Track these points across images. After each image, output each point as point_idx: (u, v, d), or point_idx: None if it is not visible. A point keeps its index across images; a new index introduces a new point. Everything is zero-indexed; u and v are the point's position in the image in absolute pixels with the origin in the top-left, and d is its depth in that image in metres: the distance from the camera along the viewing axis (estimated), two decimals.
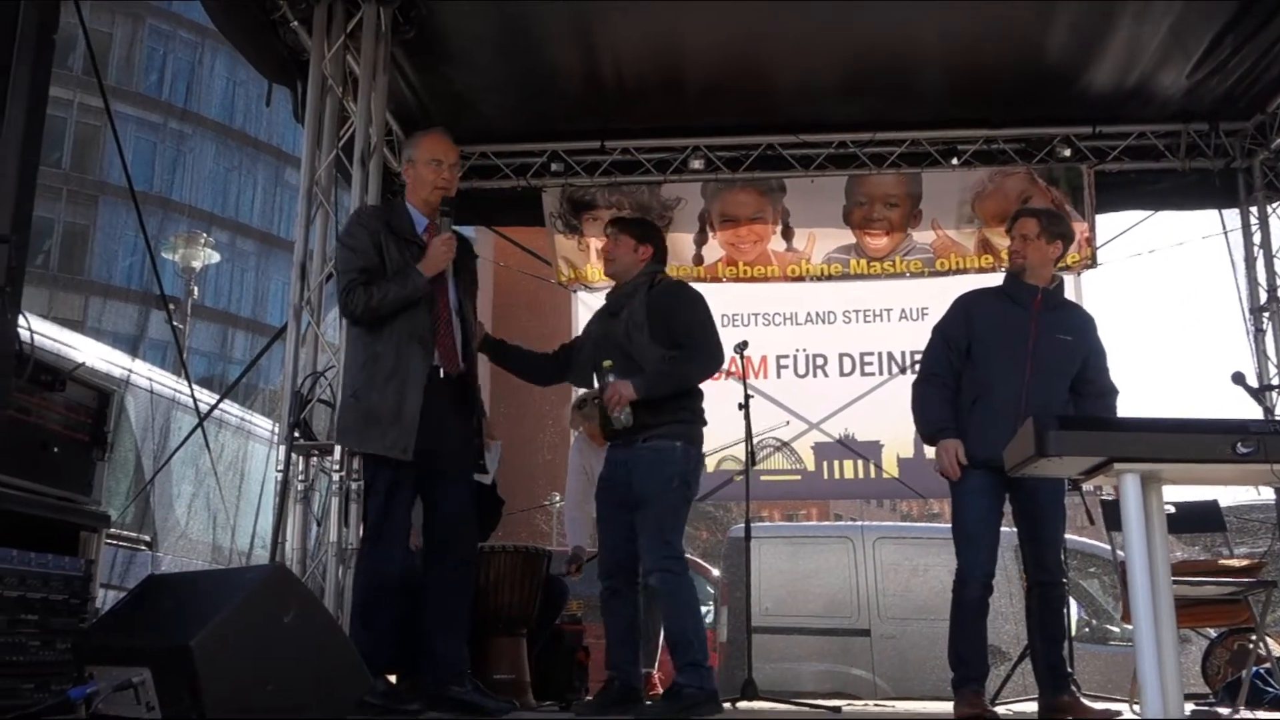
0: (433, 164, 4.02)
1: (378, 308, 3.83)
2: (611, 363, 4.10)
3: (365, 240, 3.92)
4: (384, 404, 3.81)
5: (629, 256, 4.37)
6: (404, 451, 3.77)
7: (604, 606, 4.25)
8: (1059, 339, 4.25)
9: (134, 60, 25.89)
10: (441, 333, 3.94)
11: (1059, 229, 4.44)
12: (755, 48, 6.12)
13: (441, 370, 3.92)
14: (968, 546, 4.21)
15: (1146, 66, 6.28)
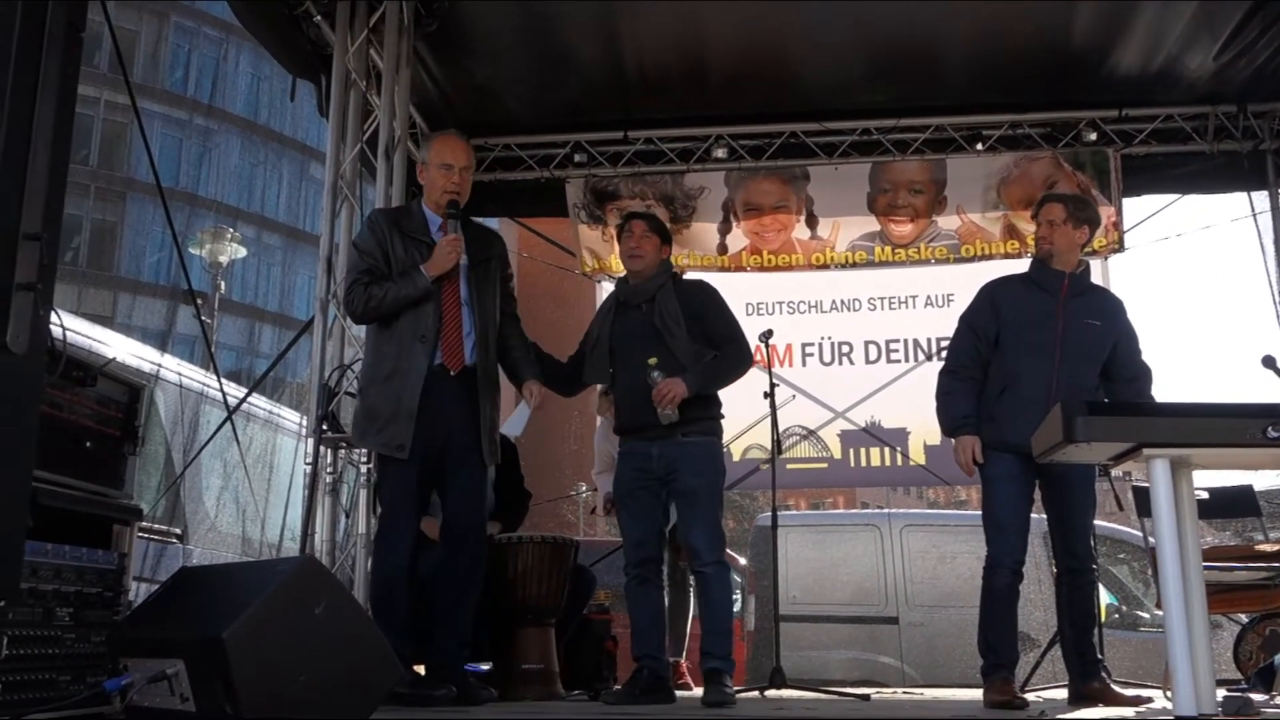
0: (443, 168, 4.06)
1: (377, 307, 3.91)
2: (657, 359, 4.13)
3: (371, 242, 4.01)
4: (382, 402, 3.89)
5: (655, 254, 4.43)
6: (400, 449, 3.83)
7: (631, 595, 4.26)
8: (1087, 324, 4.21)
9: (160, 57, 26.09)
10: (446, 329, 3.95)
11: (1085, 214, 4.39)
12: (778, 35, 6.10)
13: (445, 366, 3.94)
14: (997, 533, 4.20)
15: (1173, 49, 6.21)
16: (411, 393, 3.84)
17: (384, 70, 5.46)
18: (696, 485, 4.19)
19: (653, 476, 4.22)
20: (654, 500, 4.25)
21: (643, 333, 4.24)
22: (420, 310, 3.91)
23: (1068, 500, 4.20)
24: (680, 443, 4.19)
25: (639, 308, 4.33)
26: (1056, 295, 4.25)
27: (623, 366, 4.30)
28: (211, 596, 2.74)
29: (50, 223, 2.25)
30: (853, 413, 7.06)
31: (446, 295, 3.97)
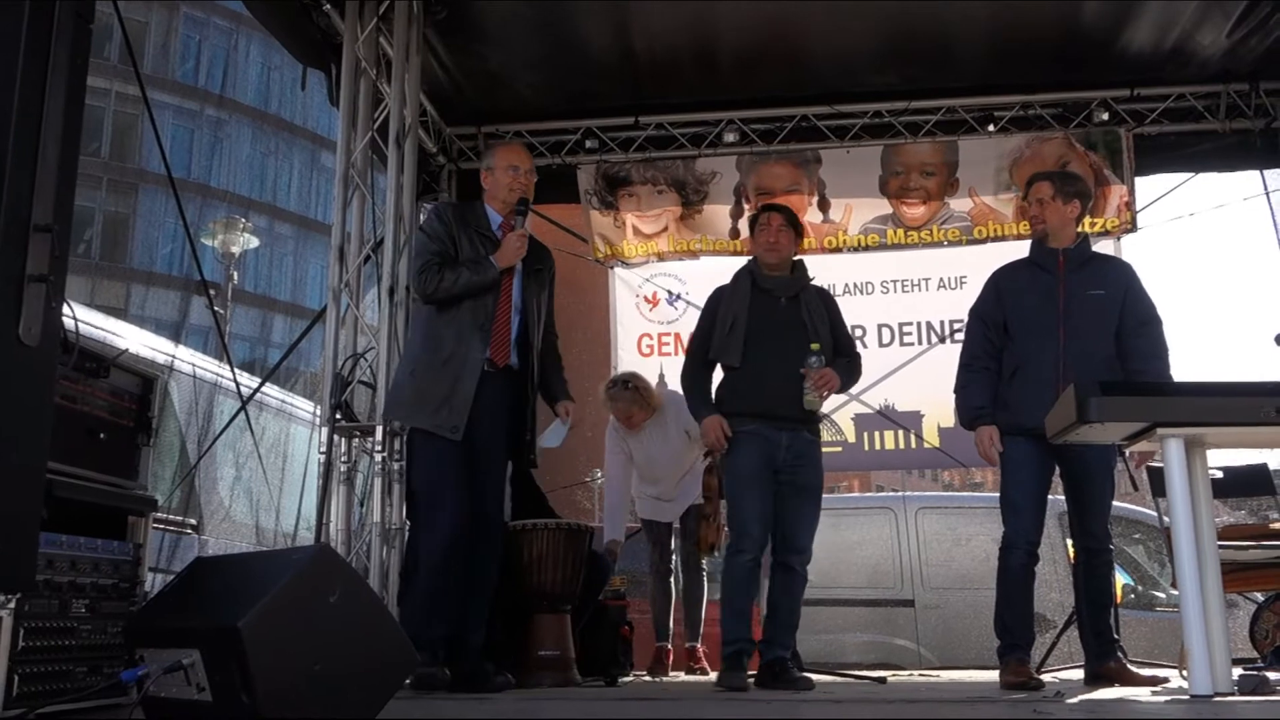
0: (510, 170, 4.24)
1: (450, 289, 4.03)
2: (818, 346, 4.26)
3: (441, 229, 4.16)
4: (438, 386, 4.01)
5: (791, 247, 4.53)
6: (454, 431, 3.95)
7: (746, 577, 4.24)
8: (1090, 295, 4.20)
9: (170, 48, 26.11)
10: (498, 324, 4.11)
11: (1074, 188, 4.39)
12: (788, 18, 6.07)
13: (492, 360, 4.08)
14: (1013, 515, 4.21)
15: (1185, 26, 6.16)
16: (470, 378, 3.99)
17: (394, 58, 5.45)
18: (815, 484, 4.38)
19: (773, 466, 4.29)
20: (772, 489, 4.31)
21: (789, 324, 4.34)
22: (481, 301, 4.07)
23: (1087, 480, 4.19)
24: (807, 439, 4.35)
25: (780, 300, 4.41)
26: (1055, 272, 4.25)
27: (760, 351, 4.32)
28: (227, 586, 2.75)
29: (61, 215, 2.26)
30: (866, 396, 7.04)
31: (503, 292, 4.15)
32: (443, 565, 3.94)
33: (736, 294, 4.45)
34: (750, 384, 4.33)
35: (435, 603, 3.95)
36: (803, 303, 4.40)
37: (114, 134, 24.58)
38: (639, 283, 7.51)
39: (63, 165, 2.27)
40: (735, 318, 4.37)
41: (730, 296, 4.47)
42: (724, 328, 4.39)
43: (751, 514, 4.26)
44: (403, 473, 4.88)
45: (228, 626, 2.39)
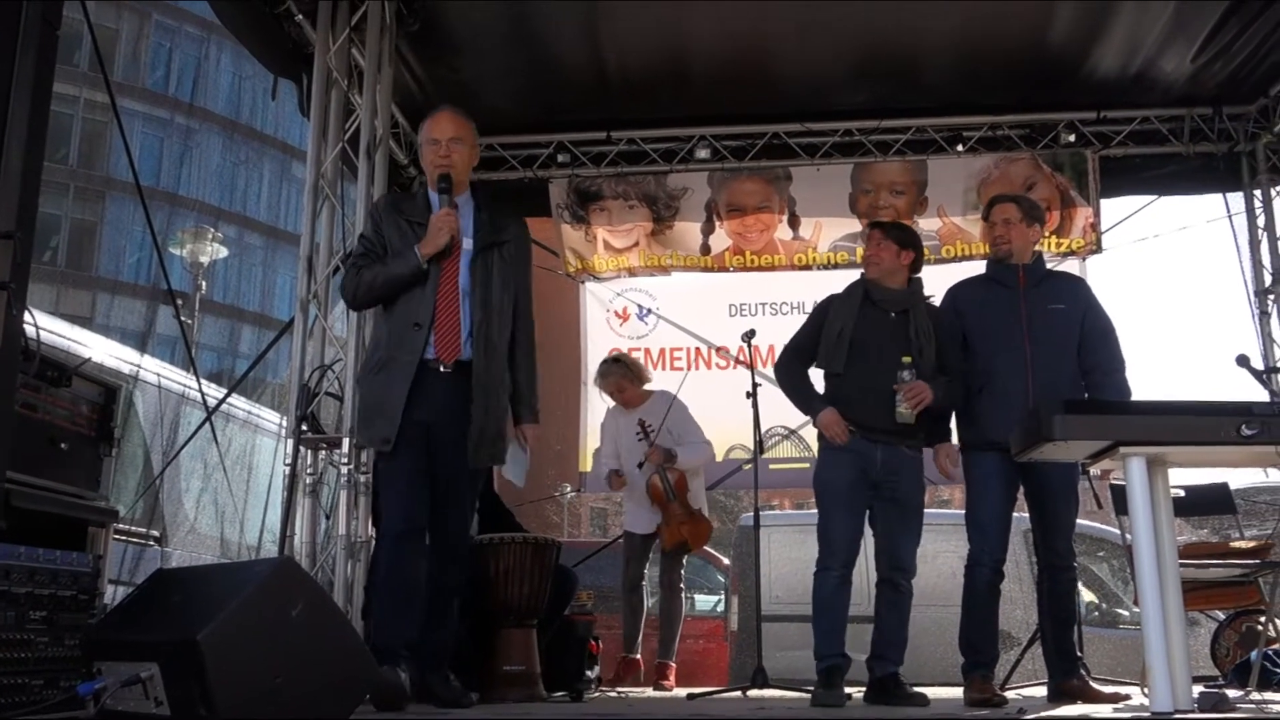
0: (430, 144, 3.87)
1: (369, 289, 3.76)
2: (910, 359, 4.21)
3: (369, 227, 3.90)
4: (372, 394, 3.77)
5: (893, 261, 4.43)
6: (384, 443, 3.67)
7: (834, 593, 4.24)
8: (1051, 309, 4.27)
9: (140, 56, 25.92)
10: (440, 318, 3.71)
11: (1035, 213, 4.49)
12: (760, 36, 6.11)
13: (440, 359, 3.71)
14: (978, 532, 4.24)
15: (1150, 51, 6.26)
16: (400, 383, 3.65)
17: (366, 69, 5.44)
18: (919, 501, 4.34)
19: (868, 480, 4.25)
20: (865, 504, 4.28)
21: (894, 337, 4.28)
22: (416, 295, 3.71)
23: (1050, 498, 4.22)
24: (905, 454, 4.28)
25: (889, 313, 4.36)
26: (1016, 288, 4.30)
27: (862, 362, 4.28)
28: (187, 599, 2.73)
29: (24, 221, 2.23)
30: None
31: (444, 281, 3.74)
32: (386, 576, 3.74)
33: (848, 303, 4.43)
34: (849, 394, 4.31)
35: (387, 615, 3.73)
36: (911, 319, 4.33)
37: (82, 141, 24.37)
38: (610, 297, 7.51)
39: (27, 172, 2.25)
40: (843, 326, 4.36)
41: (841, 304, 4.45)
42: (831, 333, 4.37)
43: (838, 531, 4.26)
44: (369, 485, 4.85)
45: (187, 639, 2.36)
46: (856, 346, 4.30)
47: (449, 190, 3.77)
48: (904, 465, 4.27)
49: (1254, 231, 7.07)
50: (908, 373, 4.17)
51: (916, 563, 4.29)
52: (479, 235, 3.82)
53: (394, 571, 3.70)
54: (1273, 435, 2.91)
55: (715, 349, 7.42)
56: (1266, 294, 6.95)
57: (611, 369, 6.05)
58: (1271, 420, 2.92)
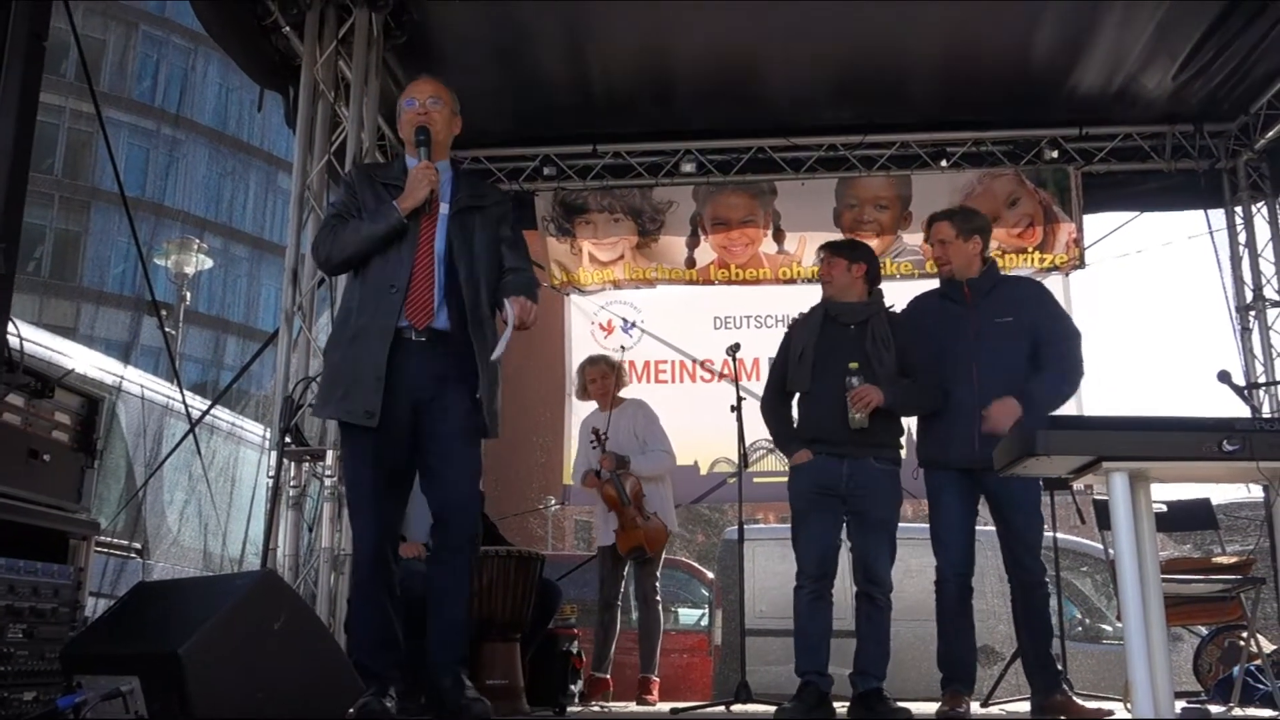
0: (408, 105, 3.65)
1: (347, 247, 3.47)
2: (858, 364, 4.23)
3: (343, 191, 3.69)
4: (346, 364, 3.43)
5: (844, 276, 4.47)
6: (368, 416, 3.33)
7: (806, 610, 4.26)
8: (998, 323, 4.26)
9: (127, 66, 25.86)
10: (415, 281, 3.44)
11: (973, 224, 4.45)
12: (745, 52, 6.14)
13: (412, 325, 3.43)
14: (940, 548, 4.29)
15: (1132, 69, 6.32)
16: (377, 349, 3.36)
17: (353, 81, 5.44)
18: (890, 514, 4.30)
19: (836, 494, 4.26)
20: (836, 519, 4.29)
21: (850, 351, 4.29)
22: (391, 258, 3.45)
23: (1009, 513, 4.23)
24: (873, 467, 4.27)
25: (849, 327, 4.39)
26: (963, 304, 4.32)
27: (823, 378, 4.31)
28: (168, 612, 2.71)
29: (9, 233, 2.23)
30: None
31: (422, 243, 3.48)
32: (369, 581, 3.41)
33: (809, 323, 4.49)
34: (812, 411, 4.37)
35: (372, 625, 3.40)
36: (869, 330, 4.37)
37: (68, 151, 24.27)
38: (594, 310, 7.52)
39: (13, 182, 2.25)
40: (804, 346, 4.41)
41: (802, 326, 4.51)
42: (795, 356, 4.43)
43: (804, 547, 4.30)
44: None
45: (167, 653, 2.35)
46: (819, 364, 4.34)
47: (427, 143, 3.54)
48: (874, 479, 4.27)
49: (1235, 248, 7.14)
50: (855, 378, 4.19)
51: (891, 576, 4.29)
52: (456, 199, 3.59)
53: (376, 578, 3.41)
54: (1254, 451, 2.92)
55: (700, 362, 7.43)
56: (1248, 310, 7.01)
57: (593, 365, 6.11)
58: (1253, 436, 2.93)
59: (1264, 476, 2.93)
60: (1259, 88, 6.52)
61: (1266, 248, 7.03)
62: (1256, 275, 7.02)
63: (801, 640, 4.28)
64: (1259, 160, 6.97)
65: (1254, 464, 2.91)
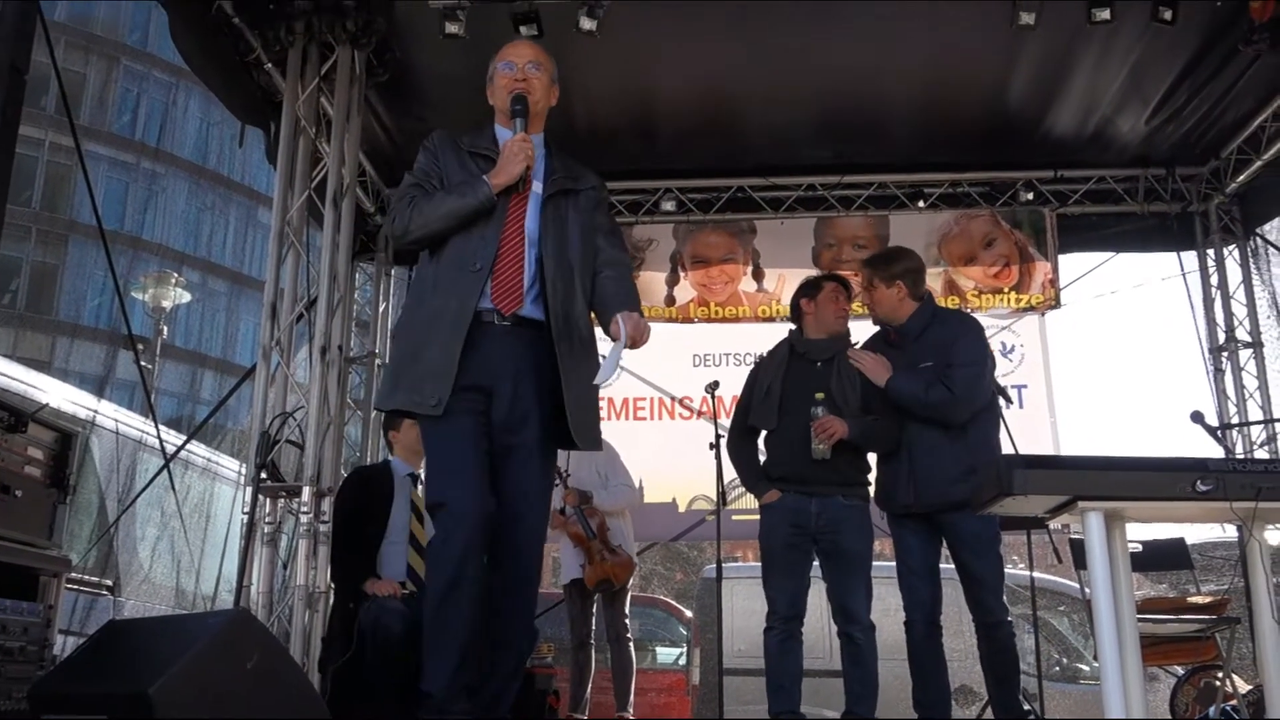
0: (505, 69, 3.28)
1: (425, 223, 3.07)
2: (823, 395, 4.24)
3: (426, 160, 3.25)
4: (415, 349, 3.05)
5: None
6: (435, 405, 2.93)
7: (776, 651, 4.26)
8: (921, 369, 4.24)
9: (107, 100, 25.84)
10: (502, 262, 3.06)
11: (896, 268, 4.40)
12: (726, 92, 6.21)
13: (497, 310, 3.05)
14: (906, 590, 4.30)
15: (1106, 112, 6.42)
16: (452, 333, 2.97)
17: (335, 118, 5.45)
18: (860, 550, 4.28)
19: (806, 534, 4.27)
20: (806, 558, 4.29)
21: (817, 388, 4.30)
22: (475, 236, 3.07)
23: (966, 555, 4.22)
24: (842, 504, 4.27)
25: (815, 364, 4.40)
26: (896, 348, 4.36)
27: (790, 414, 4.32)
28: (139, 650, 2.68)
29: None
30: None
31: (510, 223, 3.12)
32: (453, 584, 2.86)
33: (774, 361, 4.51)
34: (781, 447, 4.38)
35: (450, 643, 2.85)
36: (835, 366, 4.37)
37: (46, 184, 24.17)
38: None
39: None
40: (771, 383, 4.42)
41: (768, 363, 4.53)
42: (760, 393, 4.43)
43: (775, 589, 4.31)
44: (329, 535, 4.80)
45: (138, 692, 2.32)
46: (786, 401, 4.36)
47: (524, 113, 3.19)
48: (843, 516, 4.27)
49: (1208, 290, 7.22)
50: (819, 409, 4.21)
51: (869, 614, 4.28)
52: (551, 180, 3.24)
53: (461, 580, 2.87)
54: (1227, 491, 2.94)
55: (679, 400, 7.44)
56: (1220, 351, 7.08)
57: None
58: (1225, 476, 2.95)
59: (1237, 516, 2.94)
60: (1229, 132, 6.63)
61: (1238, 290, 7.12)
62: (1228, 317, 7.10)
63: (774, 681, 4.27)
64: (1230, 204, 7.08)
65: (1227, 504, 2.93)
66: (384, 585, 4.35)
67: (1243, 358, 7.02)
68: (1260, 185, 6.77)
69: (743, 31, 5.68)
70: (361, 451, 7.17)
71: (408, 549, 4.58)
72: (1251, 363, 6.98)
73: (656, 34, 5.74)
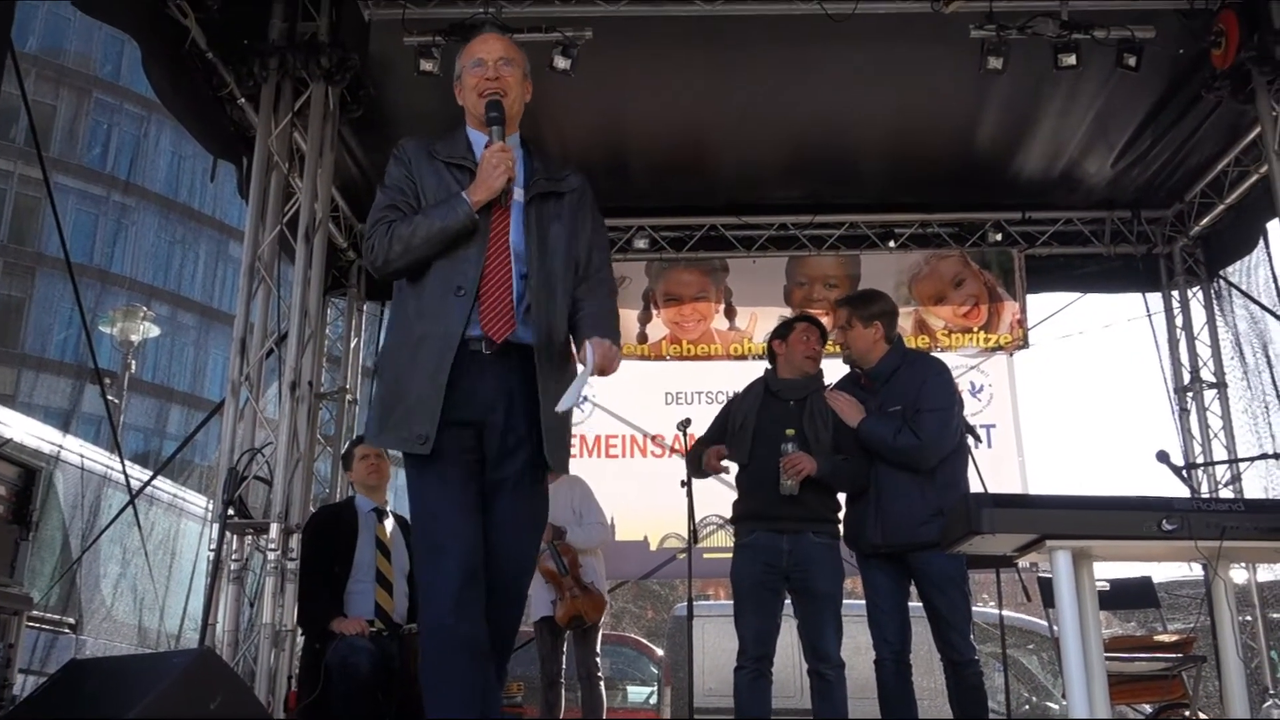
0: (473, 67, 3.04)
1: (404, 249, 2.83)
2: (794, 431, 4.25)
3: (397, 175, 3.00)
4: (399, 382, 2.84)
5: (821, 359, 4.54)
6: (422, 442, 2.74)
7: (746, 689, 4.24)
8: (890, 413, 4.27)
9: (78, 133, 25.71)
10: (488, 283, 2.84)
11: (874, 309, 4.45)
12: (699, 132, 6.27)
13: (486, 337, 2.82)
14: (874, 628, 4.31)
15: (1073, 155, 6.53)
16: (439, 363, 2.76)
17: (308, 153, 5.45)
18: (831, 589, 4.28)
19: (778, 572, 4.26)
20: (777, 597, 4.29)
21: (790, 426, 4.30)
22: (457, 257, 2.84)
23: (932, 594, 4.24)
24: (812, 542, 4.27)
25: (788, 403, 4.41)
26: (866, 391, 4.39)
27: (763, 451, 4.32)
28: (101, 690, 2.63)
29: None
30: None
31: (494, 239, 2.88)
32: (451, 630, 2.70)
33: (749, 398, 4.53)
34: (752, 484, 4.39)
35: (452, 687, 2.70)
36: (808, 406, 4.40)
37: (14, 216, 23.97)
38: None
39: None
40: (745, 418, 4.44)
41: (743, 400, 4.56)
42: (735, 426, 4.46)
43: (745, 627, 4.30)
44: (295, 572, 4.75)
45: None
46: (759, 437, 4.38)
47: (500, 121, 2.94)
48: (814, 554, 4.28)
49: (1173, 331, 7.32)
50: (790, 445, 4.23)
51: (839, 652, 4.27)
52: (531, 183, 2.99)
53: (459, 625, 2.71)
54: (1192, 530, 2.97)
55: (651, 437, 7.43)
56: (1185, 391, 7.16)
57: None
58: (1190, 516, 2.98)
59: (1202, 555, 2.97)
60: (1193, 176, 6.75)
61: (1202, 331, 7.22)
62: (1193, 358, 7.20)
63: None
64: (1194, 246, 7.19)
65: (1192, 543, 2.96)
66: (351, 624, 4.30)
67: (1207, 398, 7.11)
68: (1223, 228, 6.89)
69: (716, 73, 5.75)
70: (331, 488, 7.11)
71: (374, 586, 4.53)
72: (1216, 403, 7.07)
73: (630, 74, 5.81)
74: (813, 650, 4.27)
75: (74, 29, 24.44)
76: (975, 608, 4.55)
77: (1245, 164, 6.36)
